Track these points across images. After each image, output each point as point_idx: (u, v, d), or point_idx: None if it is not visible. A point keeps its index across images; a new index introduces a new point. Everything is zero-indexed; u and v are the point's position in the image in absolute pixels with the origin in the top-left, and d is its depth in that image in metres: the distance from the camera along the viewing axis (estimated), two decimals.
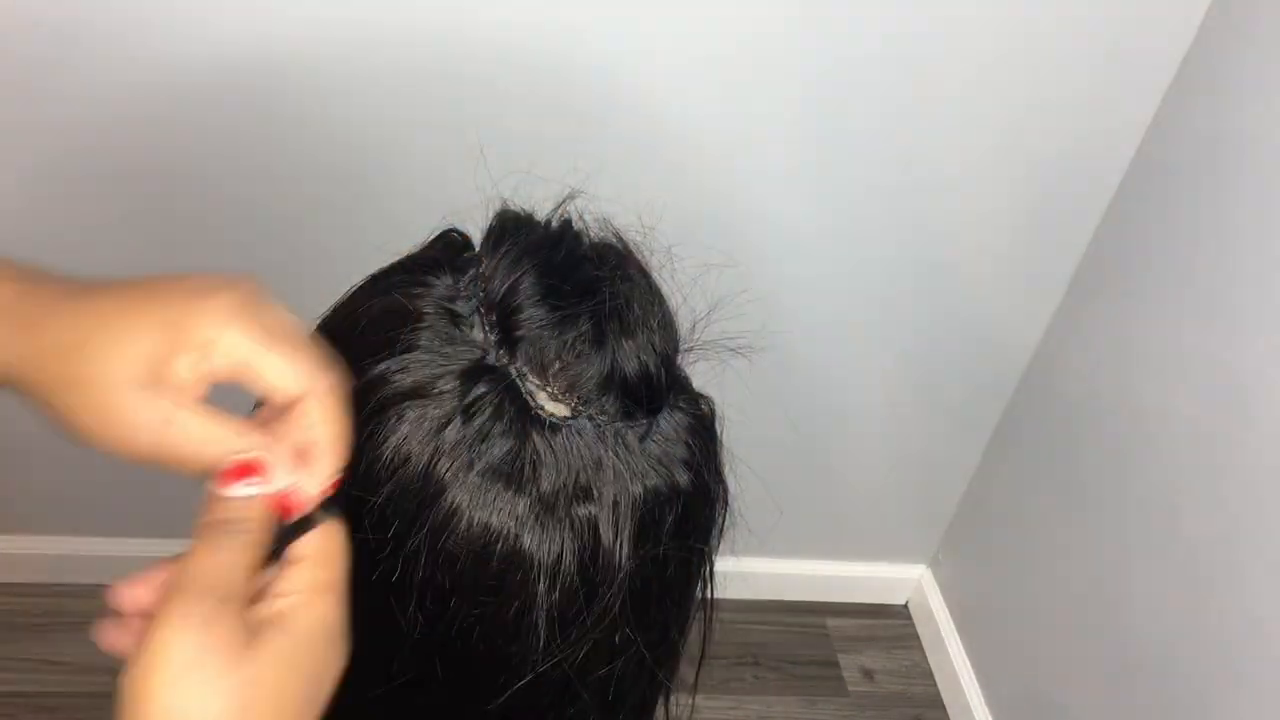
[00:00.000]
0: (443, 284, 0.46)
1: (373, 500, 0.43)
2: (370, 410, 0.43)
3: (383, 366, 0.43)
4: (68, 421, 0.37)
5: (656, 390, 0.45)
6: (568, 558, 0.43)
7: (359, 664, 0.41)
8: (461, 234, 0.51)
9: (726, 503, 0.49)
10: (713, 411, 0.49)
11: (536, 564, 0.43)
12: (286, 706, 0.36)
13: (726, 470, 0.49)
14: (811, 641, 1.66)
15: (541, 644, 0.43)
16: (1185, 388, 1.10)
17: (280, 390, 0.38)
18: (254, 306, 0.38)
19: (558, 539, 0.43)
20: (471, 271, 0.46)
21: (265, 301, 0.38)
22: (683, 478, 0.45)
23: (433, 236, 0.51)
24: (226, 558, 0.35)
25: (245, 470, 0.37)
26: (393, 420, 0.43)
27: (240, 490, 0.37)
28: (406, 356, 0.44)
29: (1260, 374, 0.99)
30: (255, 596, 0.37)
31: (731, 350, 0.49)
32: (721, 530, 0.49)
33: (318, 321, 0.48)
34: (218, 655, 0.34)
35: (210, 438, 0.37)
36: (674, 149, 1.12)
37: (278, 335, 0.38)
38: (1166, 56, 1.11)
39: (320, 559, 0.38)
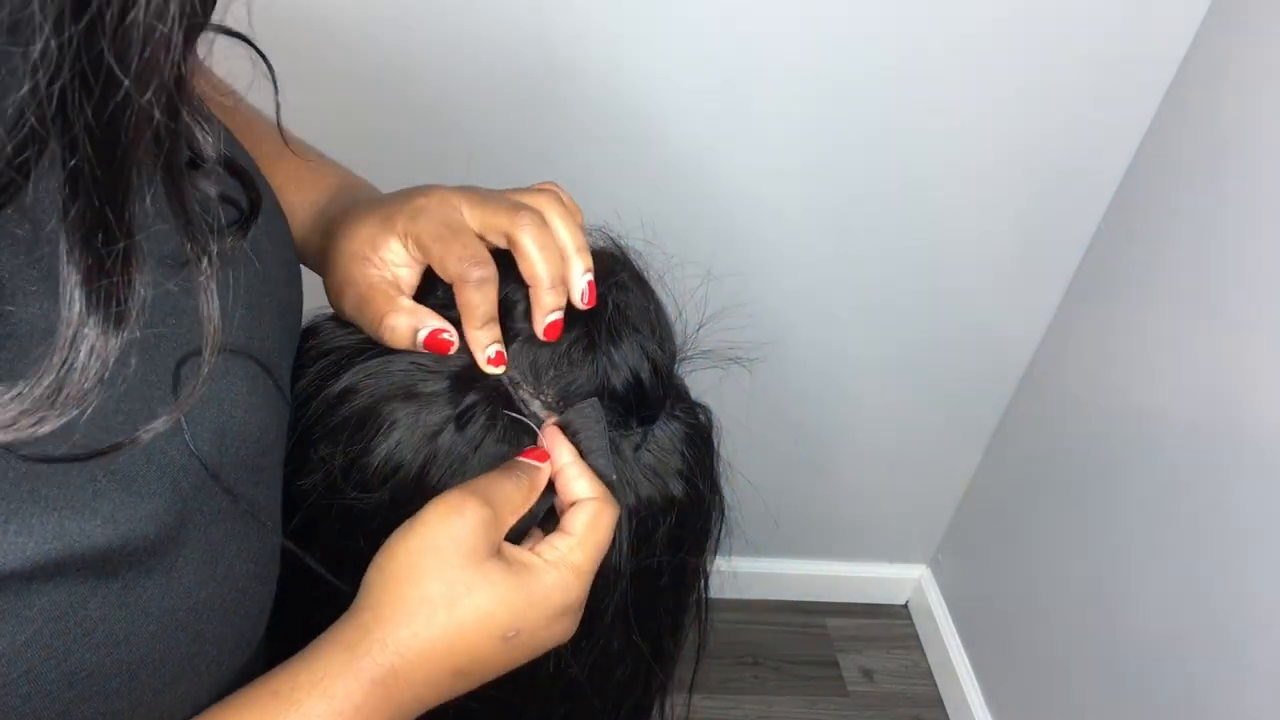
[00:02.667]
0: (438, 287, 0.45)
1: (367, 507, 0.43)
2: (361, 408, 0.43)
3: (374, 362, 0.43)
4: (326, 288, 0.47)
5: (650, 399, 0.45)
6: None
7: None
8: None
9: (723, 513, 0.48)
10: (710, 421, 0.48)
11: None
12: (485, 633, 0.38)
13: (723, 480, 0.48)
14: (811, 641, 1.66)
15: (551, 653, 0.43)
16: (1185, 388, 1.09)
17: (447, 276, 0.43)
18: (433, 212, 0.43)
19: None
20: None
21: (446, 208, 0.44)
22: (677, 488, 0.45)
23: None
24: (510, 485, 0.40)
25: (437, 341, 0.42)
26: (385, 425, 0.42)
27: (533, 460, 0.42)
28: (395, 356, 0.43)
29: (1260, 374, 0.98)
30: (520, 538, 0.41)
31: (732, 360, 0.49)
32: (717, 542, 0.48)
33: (312, 318, 0.47)
34: (461, 550, 0.37)
35: (395, 307, 0.43)
36: (672, 155, 1.11)
37: (441, 235, 0.43)
38: (1166, 56, 1.10)
39: (585, 538, 0.41)
